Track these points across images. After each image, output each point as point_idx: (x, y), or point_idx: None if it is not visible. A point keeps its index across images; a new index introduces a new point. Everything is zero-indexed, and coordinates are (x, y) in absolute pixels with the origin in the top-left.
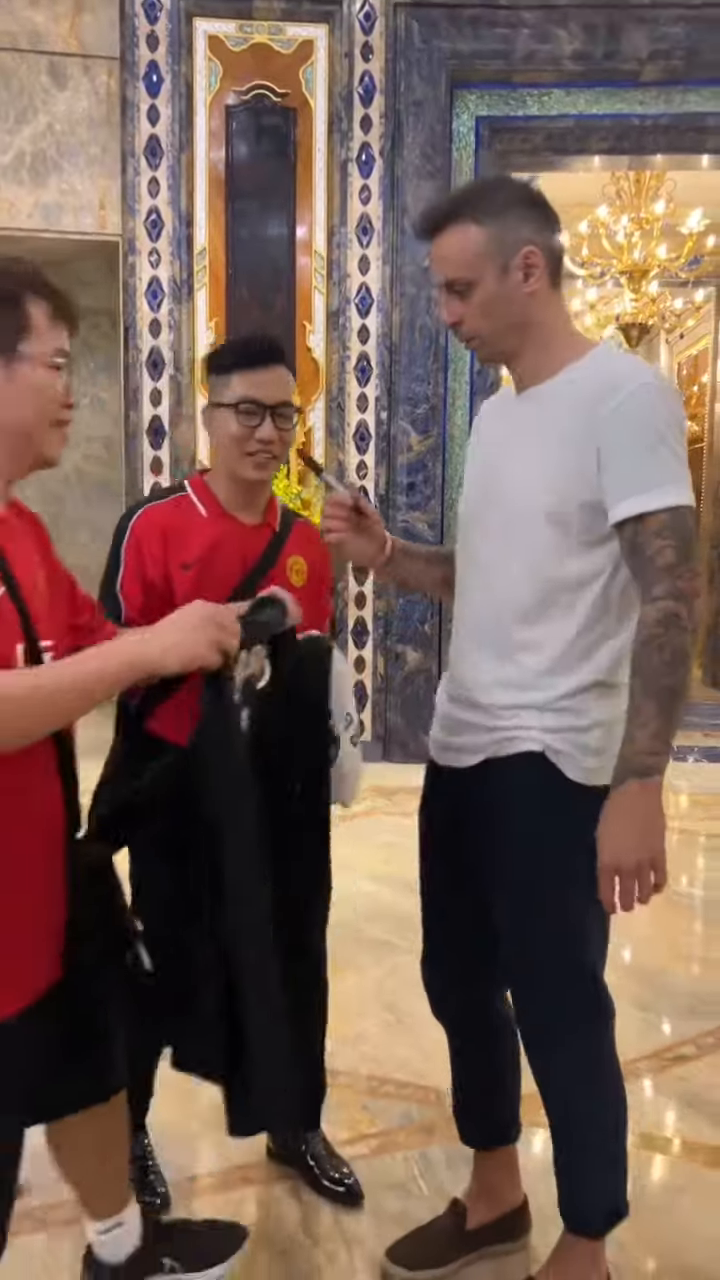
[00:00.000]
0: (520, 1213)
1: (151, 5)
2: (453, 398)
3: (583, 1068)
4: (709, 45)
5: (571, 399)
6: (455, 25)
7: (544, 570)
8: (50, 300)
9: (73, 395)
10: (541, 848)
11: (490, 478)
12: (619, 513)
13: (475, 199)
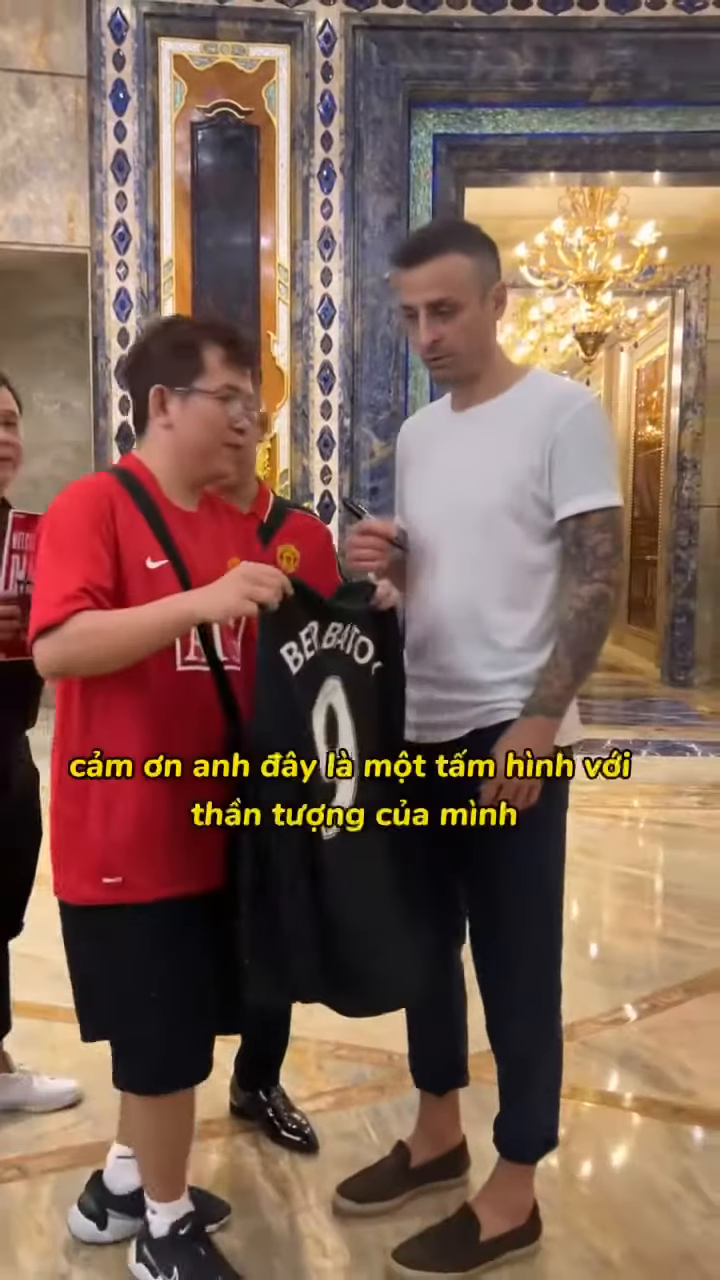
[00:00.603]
0: (460, 1151)
1: (118, 25)
2: (413, 405)
3: (540, 1009)
4: (653, 68)
5: (525, 412)
6: (412, 47)
7: (513, 561)
8: (225, 346)
9: (243, 421)
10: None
11: (455, 484)
12: (567, 509)
13: (460, 235)
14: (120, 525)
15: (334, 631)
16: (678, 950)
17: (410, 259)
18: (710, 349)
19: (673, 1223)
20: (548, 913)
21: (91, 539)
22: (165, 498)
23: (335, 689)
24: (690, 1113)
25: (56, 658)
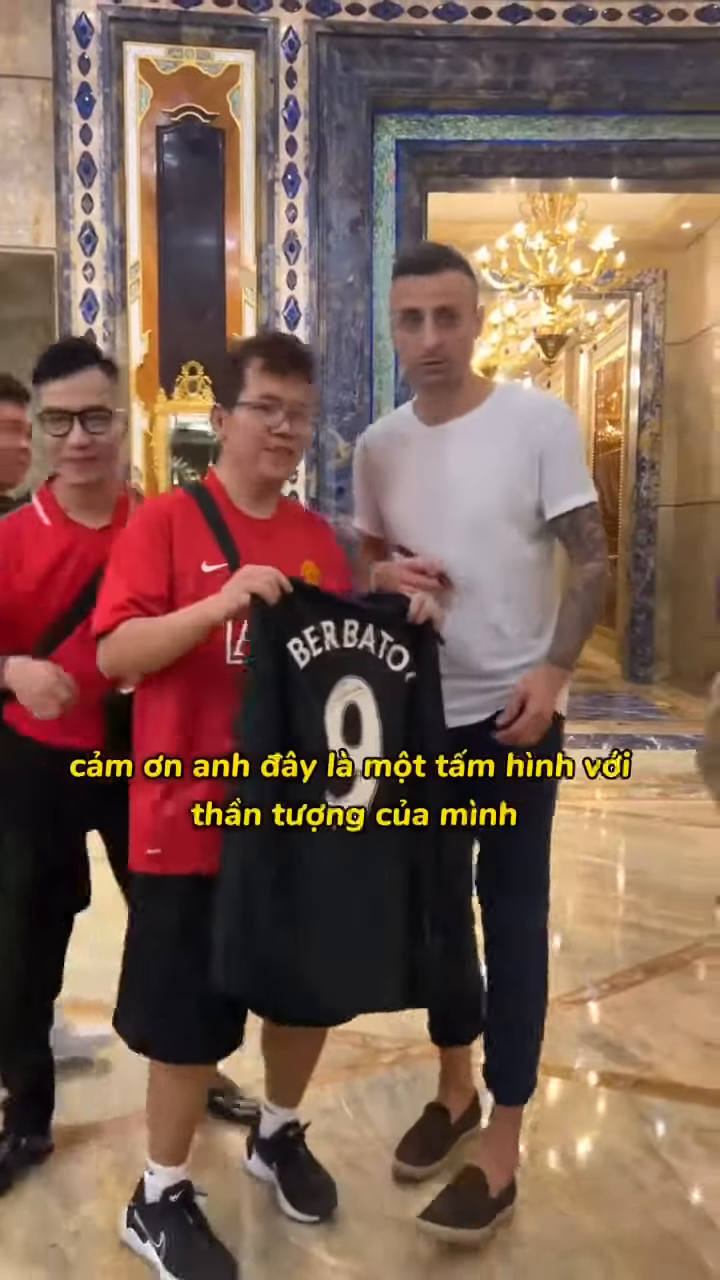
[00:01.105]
0: (476, 1099)
1: (83, 29)
2: (378, 406)
3: (540, 964)
4: (610, 78)
5: (509, 423)
6: (374, 54)
7: (512, 558)
8: (262, 357)
9: (283, 427)
10: (540, 759)
11: (449, 493)
12: (563, 506)
13: (461, 258)
14: (178, 535)
15: (353, 630)
16: (637, 934)
17: (425, 268)
18: (668, 351)
19: (634, 1185)
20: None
21: (146, 553)
22: (233, 506)
23: (360, 690)
24: (649, 1084)
25: (108, 659)
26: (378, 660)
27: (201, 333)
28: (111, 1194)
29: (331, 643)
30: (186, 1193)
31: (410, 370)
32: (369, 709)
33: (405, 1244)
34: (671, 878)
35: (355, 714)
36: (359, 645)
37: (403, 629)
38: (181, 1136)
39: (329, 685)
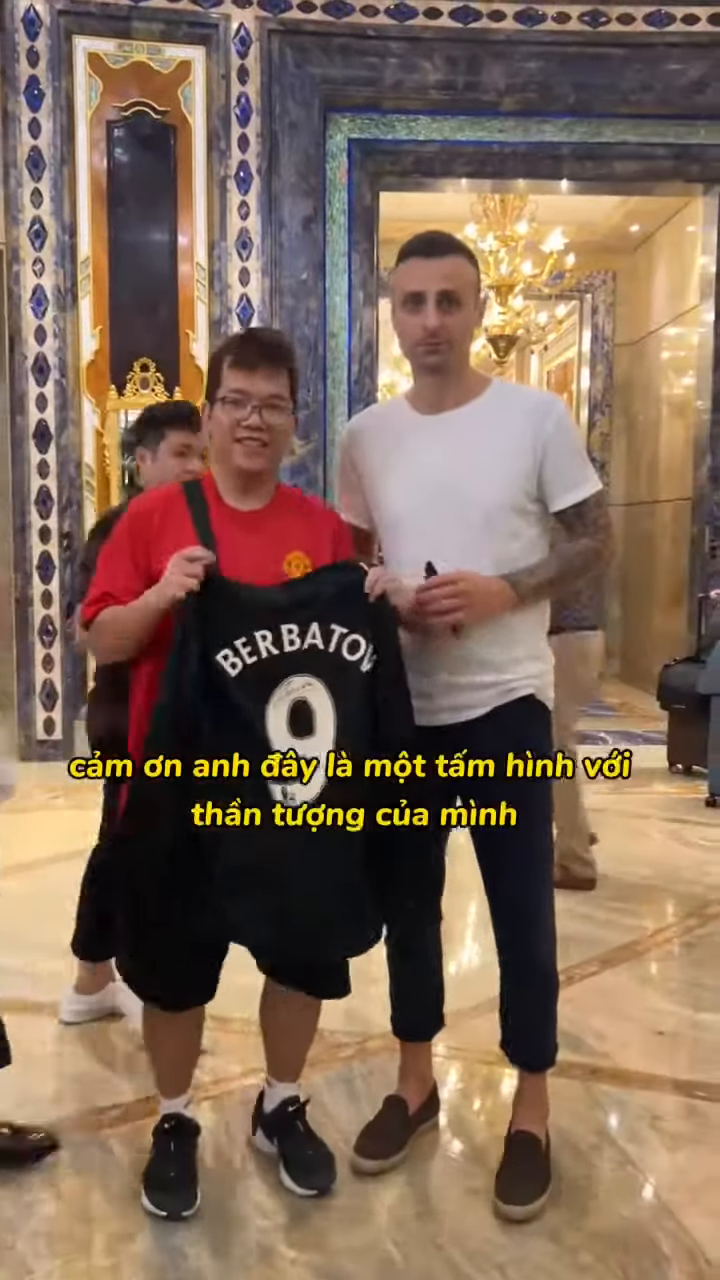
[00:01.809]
0: (434, 1093)
1: (31, 21)
2: (332, 404)
3: (553, 936)
4: (559, 80)
5: (509, 416)
6: (326, 53)
7: (512, 549)
8: (232, 353)
9: (251, 419)
10: (536, 757)
11: (448, 484)
12: (571, 497)
13: (466, 247)
14: (160, 529)
15: (292, 634)
16: (592, 927)
17: (432, 250)
18: (617, 352)
19: (590, 1171)
20: (549, 846)
21: (123, 550)
22: (220, 499)
23: (309, 685)
24: (605, 1073)
25: (93, 646)
26: (329, 654)
27: (153, 329)
28: (68, 1193)
29: (268, 649)
30: (178, 1124)
31: (409, 353)
32: (321, 702)
33: (366, 1236)
34: (624, 871)
35: (305, 709)
36: (302, 646)
37: (358, 610)
38: (169, 1072)
39: (269, 688)
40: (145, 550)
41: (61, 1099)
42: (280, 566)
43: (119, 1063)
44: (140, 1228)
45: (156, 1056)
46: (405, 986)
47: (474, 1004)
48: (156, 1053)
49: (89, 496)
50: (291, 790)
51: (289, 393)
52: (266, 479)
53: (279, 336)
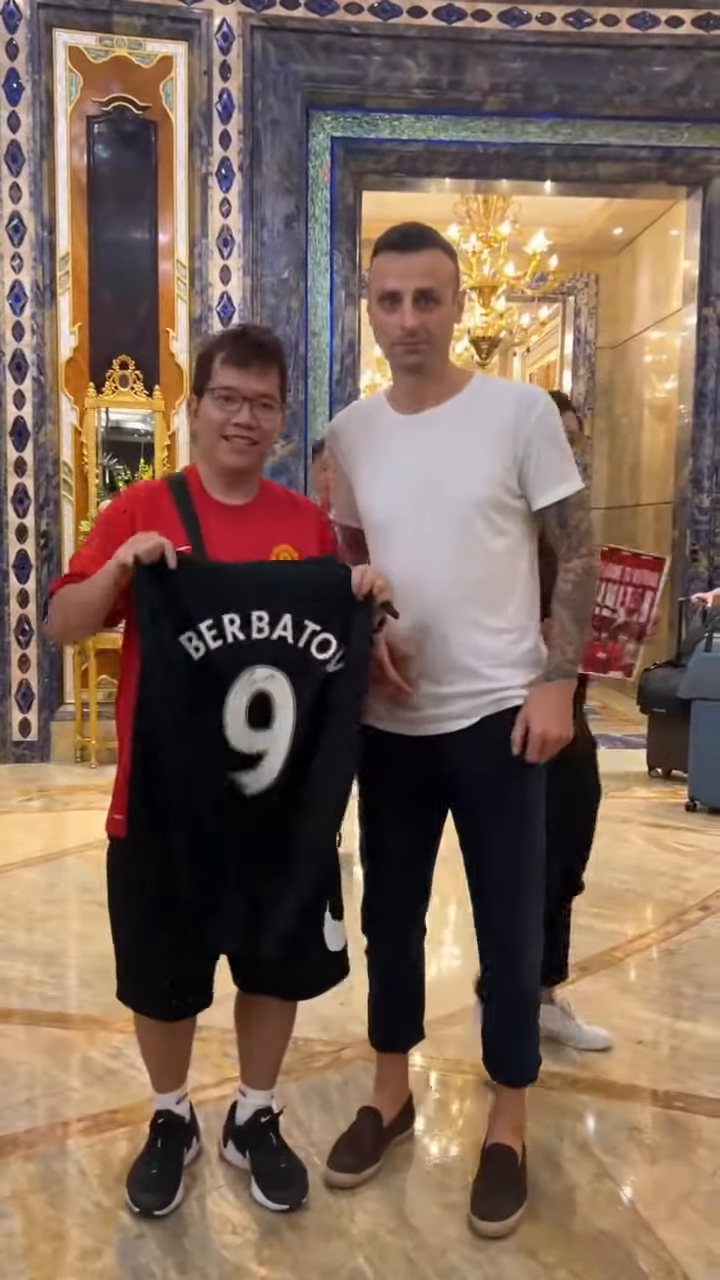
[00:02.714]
0: (409, 1104)
1: (10, 14)
2: (313, 404)
3: (540, 953)
4: (544, 81)
5: (490, 411)
6: (309, 50)
7: (492, 551)
8: (224, 349)
9: (241, 416)
10: (526, 772)
11: (429, 482)
12: (551, 496)
13: (443, 239)
14: (144, 520)
15: (262, 622)
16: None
17: (407, 245)
18: (599, 355)
19: (568, 1185)
20: (541, 849)
21: (103, 536)
22: (205, 493)
23: (272, 678)
24: (584, 1083)
25: (52, 621)
26: (296, 649)
27: (133, 327)
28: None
29: (235, 634)
30: (167, 1121)
31: (387, 352)
32: (283, 696)
33: (338, 1253)
34: (603, 876)
35: (265, 700)
36: (270, 636)
37: (335, 609)
38: (160, 1070)
39: (232, 675)
40: (129, 533)
41: (30, 1110)
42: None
43: (90, 1074)
44: (107, 1243)
45: (147, 1057)
46: (384, 997)
47: (450, 1012)
48: (147, 1055)
49: (66, 495)
50: (244, 780)
51: (279, 391)
52: (252, 475)
53: (271, 335)
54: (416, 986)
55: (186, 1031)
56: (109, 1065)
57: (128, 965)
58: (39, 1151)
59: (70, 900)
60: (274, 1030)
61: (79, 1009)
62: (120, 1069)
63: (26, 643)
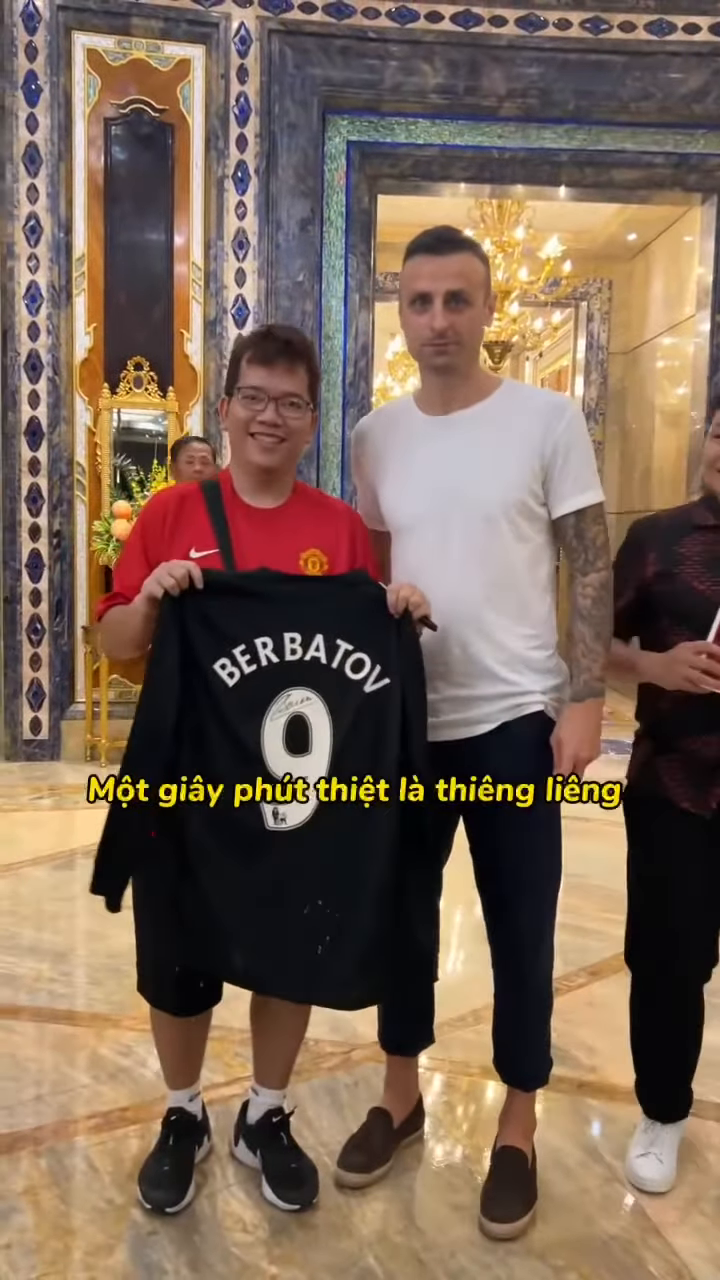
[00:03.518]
0: (419, 1105)
1: (30, 16)
2: (326, 408)
3: (552, 957)
4: (560, 87)
5: (520, 416)
6: (326, 54)
7: (514, 557)
8: (251, 348)
9: (266, 415)
10: (547, 778)
11: (456, 485)
12: (571, 505)
13: (474, 243)
14: (174, 525)
15: (295, 643)
16: (581, 937)
17: (439, 248)
18: (611, 360)
19: (578, 1188)
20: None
21: (136, 548)
22: (236, 496)
23: (308, 700)
24: (593, 1087)
25: (102, 642)
26: (331, 670)
27: (148, 328)
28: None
29: (268, 658)
30: (180, 1119)
31: (416, 353)
32: (320, 719)
33: (348, 1252)
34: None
35: (302, 724)
36: (304, 657)
37: (369, 629)
38: (173, 1066)
39: (267, 699)
40: (160, 549)
41: (40, 1106)
42: (296, 564)
43: (101, 1071)
44: (119, 1240)
45: (162, 1053)
46: (394, 999)
47: (459, 1014)
48: (162, 1051)
49: (80, 495)
50: (283, 811)
51: (307, 390)
52: (283, 476)
53: (299, 334)
54: (427, 991)
55: (201, 1028)
56: (119, 1063)
57: (144, 956)
58: (50, 1148)
59: (80, 898)
60: (287, 1030)
61: (88, 1006)
62: (130, 1066)
63: (38, 641)
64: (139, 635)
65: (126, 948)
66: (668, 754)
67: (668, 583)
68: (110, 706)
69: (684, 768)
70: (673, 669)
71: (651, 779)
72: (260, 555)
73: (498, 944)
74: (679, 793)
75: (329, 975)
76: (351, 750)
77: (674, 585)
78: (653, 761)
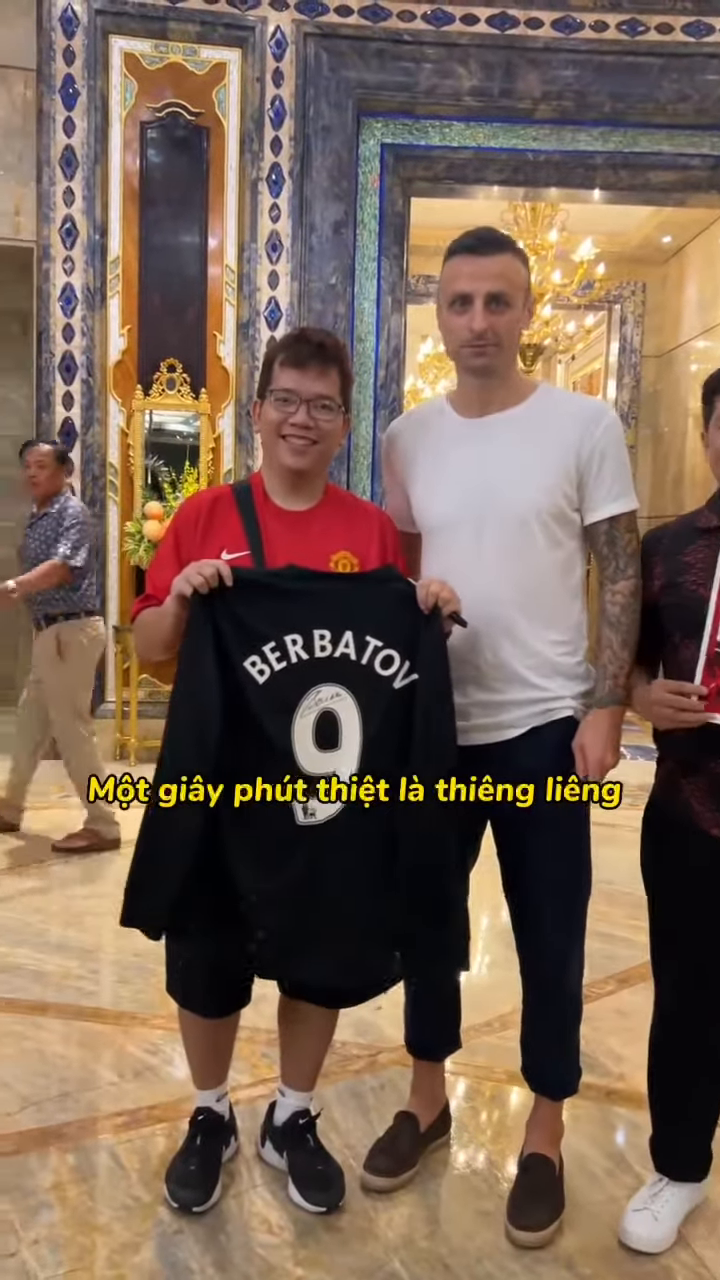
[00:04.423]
0: (446, 1110)
1: (68, 20)
2: (357, 410)
3: (582, 964)
4: (595, 89)
5: (557, 422)
6: (362, 57)
7: (552, 559)
8: (283, 351)
9: (298, 417)
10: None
11: (488, 484)
12: (605, 511)
13: (514, 243)
14: (208, 526)
15: (324, 640)
16: (609, 944)
17: (481, 249)
18: (644, 363)
19: (606, 1197)
20: (587, 858)
21: (169, 550)
22: (267, 498)
23: (338, 697)
24: (621, 1095)
25: (136, 643)
26: (360, 666)
27: (181, 331)
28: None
29: (298, 654)
30: (207, 1119)
31: (455, 354)
32: (349, 715)
33: (373, 1256)
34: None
35: (332, 720)
36: (334, 653)
37: (399, 625)
38: (200, 1066)
39: (298, 696)
40: (192, 551)
41: (68, 1103)
42: (327, 565)
43: (128, 1069)
44: (145, 1238)
45: (190, 1053)
46: (422, 1004)
47: (486, 1019)
48: (190, 1051)
49: (112, 496)
50: (312, 806)
51: (339, 393)
52: (314, 479)
53: (332, 337)
54: (453, 994)
55: (229, 1029)
56: (147, 1061)
57: (173, 956)
58: (78, 1144)
59: (108, 896)
60: (314, 1033)
61: (115, 1005)
62: (158, 1065)
63: None
64: (170, 636)
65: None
66: (693, 776)
67: (674, 594)
68: (140, 706)
69: (710, 791)
70: (652, 710)
71: (675, 798)
72: (291, 557)
73: (526, 951)
74: (708, 818)
75: (361, 965)
76: (381, 745)
77: (680, 596)
78: (678, 781)
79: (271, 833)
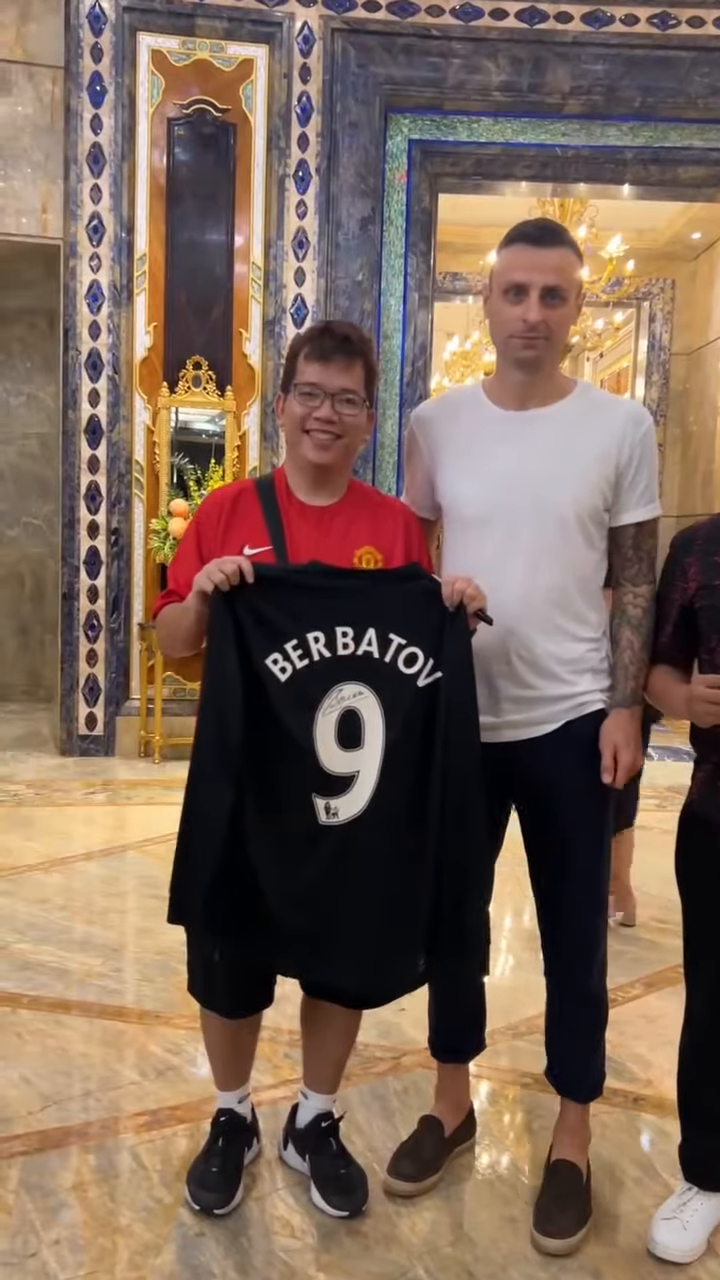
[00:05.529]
0: (471, 1114)
1: (96, 18)
2: (383, 408)
3: (605, 964)
4: (626, 83)
5: (599, 420)
6: (389, 52)
7: (586, 559)
8: (308, 344)
9: (322, 411)
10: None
11: (522, 482)
12: (636, 516)
13: (572, 238)
14: (230, 521)
15: (347, 638)
16: (636, 947)
17: (541, 240)
18: (673, 361)
19: (633, 1204)
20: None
21: (191, 546)
22: (290, 493)
23: (361, 695)
24: (649, 1101)
25: (159, 639)
26: (384, 664)
27: (207, 328)
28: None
29: (320, 652)
30: (229, 1120)
31: (503, 344)
32: (372, 714)
33: (397, 1261)
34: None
35: (354, 718)
36: (356, 651)
37: (423, 622)
38: (222, 1067)
39: (320, 693)
40: (214, 546)
41: (90, 1102)
42: (350, 561)
43: (150, 1069)
44: (166, 1240)
45: (212, 1054)
46: (445, 1006)
47: (511, 1023)
48: (212, 1052)
49: (138, 493)
50: (335, 805)
51: (364, 387)
52: (337, 473)
53: (357, 330)
54: (477, 995)
55: (252, 1030)
56: (169, 1061)
57: (195, 956)
58: (99, 1144)
59: (131, 894)
60: (338, 1034)
61: (138, 1003)
62: (180, 1065)
63: (95, 638)
64: (192, 633)
65: (177, 944)
66: None
67: (710, 596)
68: (165, 704)
69: None
70: (692, 707)
71: (715, 800)
72: (314, 553)
73: (550, 948)
74: None
75: (383, 966)
76: (404, 744)
77: (717, 598)
78: (717, 784)
79: (294, 832)
